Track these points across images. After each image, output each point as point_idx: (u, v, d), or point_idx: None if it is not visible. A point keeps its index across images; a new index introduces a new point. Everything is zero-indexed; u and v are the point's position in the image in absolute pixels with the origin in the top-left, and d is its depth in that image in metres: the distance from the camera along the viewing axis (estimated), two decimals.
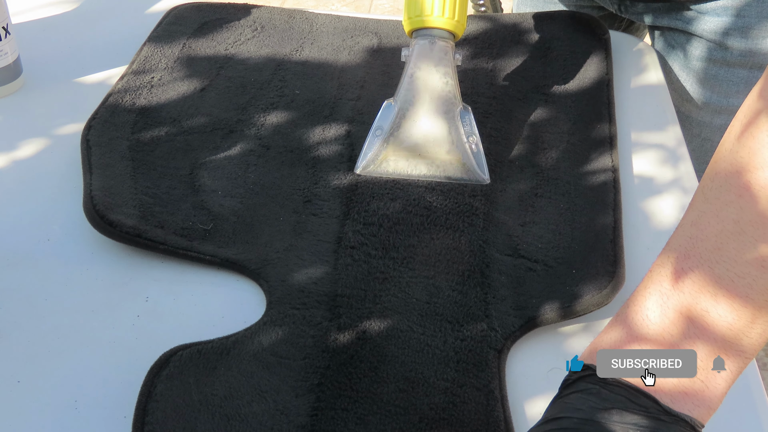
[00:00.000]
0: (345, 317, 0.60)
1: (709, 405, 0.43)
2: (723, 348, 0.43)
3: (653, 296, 0.45)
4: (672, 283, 0.45)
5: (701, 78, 0.94)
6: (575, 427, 0.43)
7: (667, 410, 0.43)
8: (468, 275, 0.64)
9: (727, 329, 0.43)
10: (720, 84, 0.93)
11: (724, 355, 0.43)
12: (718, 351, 0.43)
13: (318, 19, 0.97)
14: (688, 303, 0.44)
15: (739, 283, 0.43)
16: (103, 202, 0.68)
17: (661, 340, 0.44)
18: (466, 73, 0.87)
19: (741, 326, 0.43)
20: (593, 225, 0.69)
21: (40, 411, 0.55)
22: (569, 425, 0.43)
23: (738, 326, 0.43)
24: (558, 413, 0.44)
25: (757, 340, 0.43)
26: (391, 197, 0.71)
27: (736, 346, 0.43)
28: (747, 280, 0.43)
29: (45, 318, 0.61)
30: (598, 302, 0.61)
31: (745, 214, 0.43)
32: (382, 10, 2.64)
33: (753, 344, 0.43)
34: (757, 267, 0.42)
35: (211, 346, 0.58)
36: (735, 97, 0.93)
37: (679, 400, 0.43)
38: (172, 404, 0.54)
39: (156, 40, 0.90)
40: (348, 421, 0.53)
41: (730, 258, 0.43)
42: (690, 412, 0.43)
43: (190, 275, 0.65)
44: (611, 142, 0.78)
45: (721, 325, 0.43)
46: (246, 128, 0.79)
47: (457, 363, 0.57)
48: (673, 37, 0.96)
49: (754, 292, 0.42)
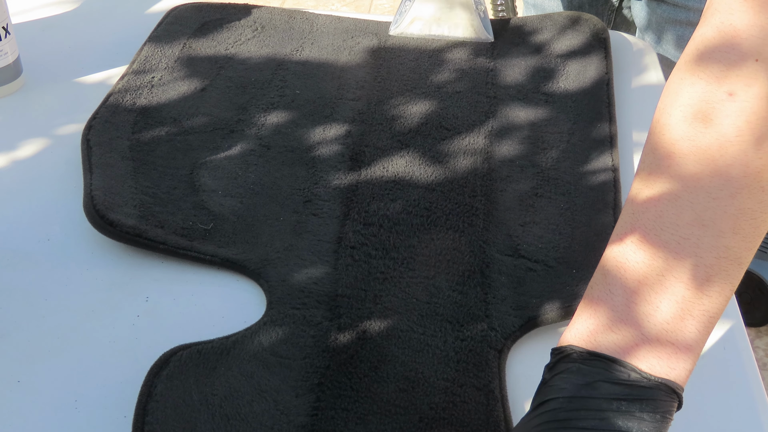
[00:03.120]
0: (345, 317, 0.60)
1: (684, 365, 0.44)
2: (687, 307, 0.44)
3: (611, 272, 0.47)
4: (624, 257, 0.46)
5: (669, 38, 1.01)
6: (561, 407, 0.44)
7: (645, 377, 0.44)
8: (468, 275, 0.64)
9: (685, 289, 0.44)
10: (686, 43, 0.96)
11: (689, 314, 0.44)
12: (682, 311, 0.44)
13: (318, 19, 0.97)
14: (644, 271, 0.45)
15: (685, 244, 0.44)
16: (104, 201, 0.68)
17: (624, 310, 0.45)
18: (465, 72, 0.87)
19: (698, 284, 0.44)
20: (593, 225, 0.69)
21: (40, 411, 0.55)
22: (556, 406, 0.44)
23: (695, 284, 0.44)
24: (543, 397, 0.45)
25: (717, 298, 0.45)
26: (391, 198, 0.71)
27: (699, 304, 0.44)
28: (692, 240, 0.44)
29: (45, 318, 0.61)
30: None
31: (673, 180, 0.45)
32: (382, 10, 2.64)
33: (714, 303, 0.45)
34: (699, 227, 0.44)
35: (211, 346, 0.58)
36: None
37: (655, 365, 0.44)
38: (172, 404, 0.54)
39: (156, 40, 0.90)
40: (348, 420, 0.53)
41: (672, 223, 0.45)
42: (667, 375, 0.44)
43: (190, 275, 0.65)
44: (611, 142, 0.78)
45: (679, 286, 0.44)
46: (246, 128, 0.79)
47: (458, 363, 0.57)
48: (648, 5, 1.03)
49: (701, 250, 0.44)
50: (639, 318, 0.45)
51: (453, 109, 0.82)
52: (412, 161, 0.75)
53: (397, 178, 0.73)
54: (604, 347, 0.45)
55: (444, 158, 0.75)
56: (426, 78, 0.86)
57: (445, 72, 0.87)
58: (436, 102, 0.83)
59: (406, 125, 0.79)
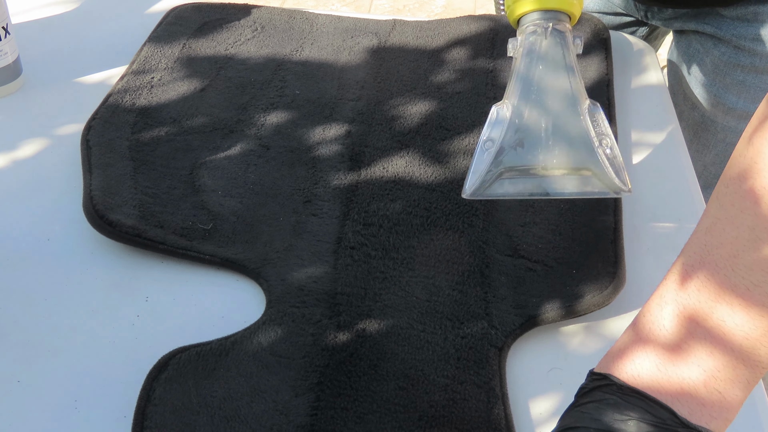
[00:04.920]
0: (345, 315, 0.60)
1: (726, 416, 0.43)
2: (740, 358, 0.42)
3: (669, 305, 0.44)
4: (687, 292, 0.44)
5: (728, 83, 0.92)
6: None
7: (684, 422, 0.42)
8: (468, 275, 0.64)
9: (743, 339, 0.42)
10: (747, 90, 0.91)
11: (740, 365, 0.42)
12: (734, 362, 0.42)
13: (318, 19, 0.97)
14: (704, 313, 0.43)
15: (755, 291, 0.42)
16: (103, 201, 0.68)
17: (676, 350, 0.43)
18: (465, 73, 0.87)
19: (758, 336, 0.42)
20: (593, 225, 0.69)
21: (40, 411, 0.55)
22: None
23: (755, 336, 0.42)
24: (574, 422, 0.44)
25: None
26: (391, 198, 0.71)
27: (754, 356, 0.42)
28: (764, 289, 0.41)
29: (45, 318, 0.61)
30: (598, 303, 0.61)
31: (760, 220, 0.42)
32: (382, 10, 2.64)
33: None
34: None
35: (210, 347, 0.58)
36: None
37: (697, 411, 0.42)
38: (171, 407, 0.54)
39: (156, 40, 0.90)
40: (348, 419, 0.53)
41: (746, 266, 0.42)
42: (707, 424, 0.42)
43: (190, 275, 0.65)
44: None
45: (738, 335, 0.42)
46: (246, 128, 0.79)
47: (458, 360, 0.57)
48: (700, 42, 0.94)
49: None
50: (690, 362, 0.43)
51: (453, 109, 0.82)
52: (412, 161, 0.75)
53: (396, 178, 0.73)
54: (646, 385, 0.43)
55: (444, 158, 0.75)
56: (426, 78, 0.86)
57: (445, 72, 0.87)
58: (436, 102, 0.83)
59: (406, 125, 0.79)
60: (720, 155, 0.98)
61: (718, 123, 0.96)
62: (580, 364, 0.59)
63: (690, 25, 0.94)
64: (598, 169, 0.58)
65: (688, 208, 0.74)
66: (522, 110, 0.59)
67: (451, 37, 0.93)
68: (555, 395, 0.57)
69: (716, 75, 0.93)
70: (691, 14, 0.93)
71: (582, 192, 0.58)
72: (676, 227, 0.72)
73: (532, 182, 0.58)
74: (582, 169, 0.58)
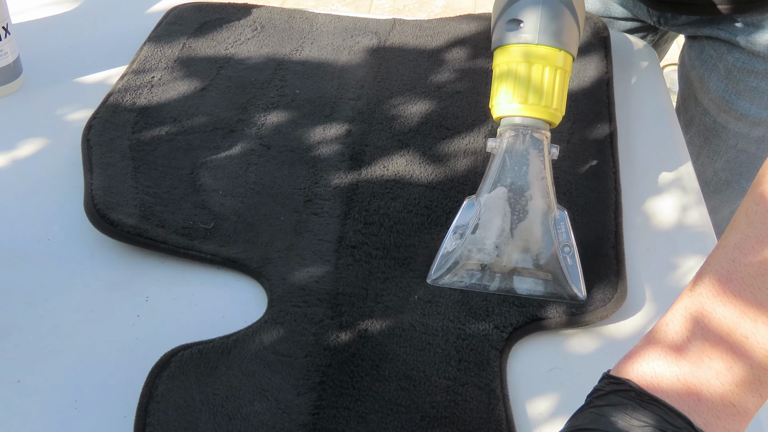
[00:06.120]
0: (347, 315, 0.60)
1: (738, 429, 0.43)
2: (758, 375, 0.43)
3: (692, 317, 0.44)
4: (712, 306, 0.44)
5: (741, 89, 0.92)
6: None
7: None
8: None
9: (764, 356, 0.42)
10: (761, 96, 0.91)
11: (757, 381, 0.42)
12: (753, 377, 0.43)
13: (318, 18, 0.97)
14: (728, 328, 0.43)
15: None
16: (104, 201, 0.68)
17: (697, 361, 0.43)
18: (465, 72, 0.87)
19: None
20: (594, 226, 0.69)
21: (40, 411, 0.55)
22: None
23: None
24: (590, 424, 0.44)
25: None
26: (391, 197, 0.71)
27: None
28: None
29: (45, 318, 0.61)
30: (601, 315, 0.61)
31: None
32: (382, 10, 2.64)
33: None
34: None
35: (212, 345, 0.58)
36: None
37: (712, 423, 0.43)
38: (173, 405, 0.53)
39: (156, 40, 0.90)
40: (349, 419, 0.53)
41: None
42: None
43: (191, 275, 0.65)
44: (611, 142, 0.78)
45: (759, 352, 0.42)
46: (246, 128, 0.78)
47: (459, 362, 0.57)
48: (714, 47, 0.93)
49: None
50: (710, 374, 0.43)
51: (453, 108, 0.82)
52: (413, 160, 0.75)
53: (397, 177, 0.73)
54: (665, 393, 0.43)
55: (444, 158, 0.75)
56: (426, 77, 0.86)
57: (444, 71, 0.87)
58: (436, 101, 0.83)
59: (406, 124, 0.79)
60: (731, 161, 0.97)
61: (730, 129, 0.95)
62: (580, 364, 0.59)
63: (704, 30, 0.94)
64: (558, 275, 0.62)
65: (688, 208, 0.74)
66: (491, 208, 0.63)
67: (451, 36, 0.93)
68: (555, 395, 0.57)
69: (729, 81, 0.92)
70: (705, 20, 0.93)
71: (541, 293, 0.62)
72: (676, 227, 0.72)
73: (492, 278, 0.63)
74: (542, 272, 0.62)
